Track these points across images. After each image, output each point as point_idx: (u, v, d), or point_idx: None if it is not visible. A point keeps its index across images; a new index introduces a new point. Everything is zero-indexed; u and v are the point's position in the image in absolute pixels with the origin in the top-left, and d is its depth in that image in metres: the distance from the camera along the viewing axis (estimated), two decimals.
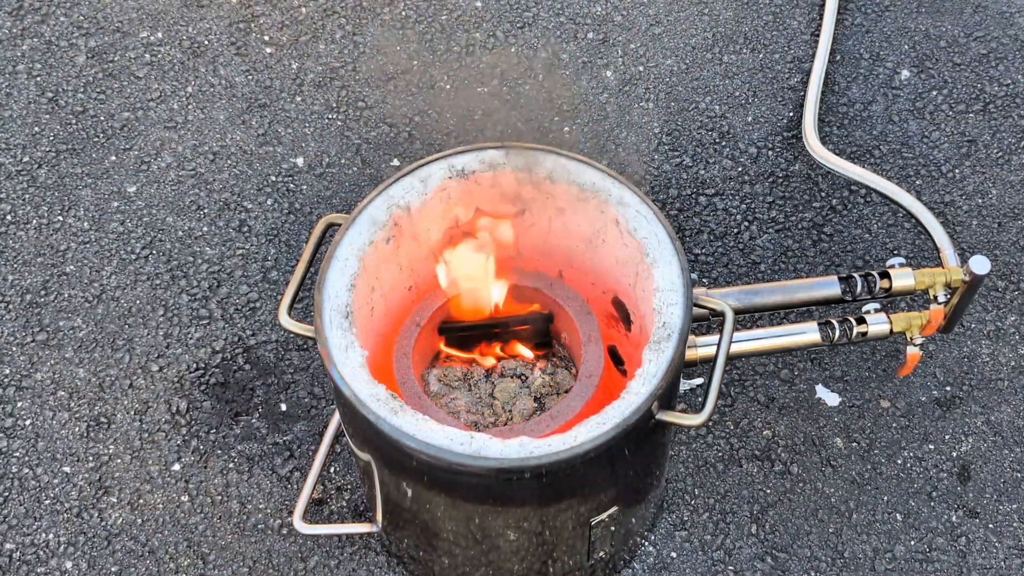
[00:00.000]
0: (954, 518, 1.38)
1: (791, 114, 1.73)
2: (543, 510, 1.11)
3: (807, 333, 1.30)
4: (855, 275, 1.32)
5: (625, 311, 1.24)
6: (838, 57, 1.79)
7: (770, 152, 1.69)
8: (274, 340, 1.52)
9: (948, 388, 1.48)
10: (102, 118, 1.73)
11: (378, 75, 1.78)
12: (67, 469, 1.42)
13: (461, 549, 1.18)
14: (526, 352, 1.27)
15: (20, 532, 1.38)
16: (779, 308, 1.34)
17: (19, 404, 1.47)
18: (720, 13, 1.85)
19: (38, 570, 1.35)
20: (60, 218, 1.63)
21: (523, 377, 1.25)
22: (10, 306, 1.55)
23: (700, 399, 1.46)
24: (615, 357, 1.27)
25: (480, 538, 1.15)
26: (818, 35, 1.81)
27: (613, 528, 1.20)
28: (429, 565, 1.26)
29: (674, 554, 1.36)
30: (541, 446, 1.01)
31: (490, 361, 1.27)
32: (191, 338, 1.52)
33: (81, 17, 1.84)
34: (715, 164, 1.68)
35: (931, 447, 1.43)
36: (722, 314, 1.12)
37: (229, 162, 1.68)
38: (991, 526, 1.37)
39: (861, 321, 1.30)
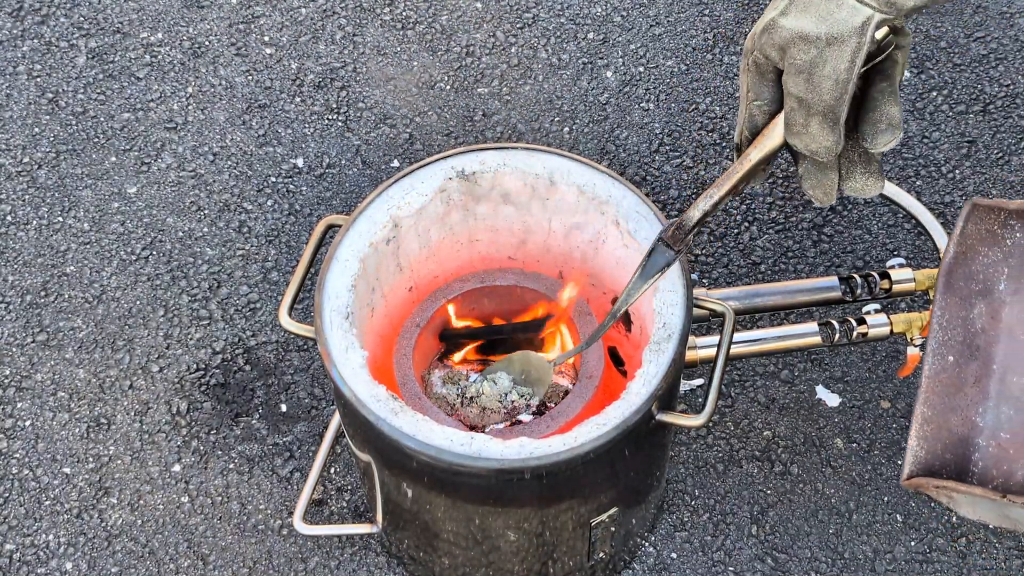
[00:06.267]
0: (954, 519, 1.38)
1: None
2: (543, 511, 1.11)
3: (807, 334, 1.30)
4: (855, 275, 1.32)
5: (625, 312, 1.24)
6: None
7: None
8: (274, 341, 1.52)
9: None
10: (102, 119, 1.73)
11: (378, 75, 1.78)
12: (67, 470, 1.42)
13: (461, 550, 1.18)
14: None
15: (20, 533, 1.38)
16: (779, 309, 1.34)
17: (19, 405, 1.47)
18: (720, 14, 1.85)
19: (38, 571, 1.35)
20: (60, 219, 1.63)
21: None
22: (10, 307, 1.55)
23: (700, 400, 1.46)
24: (615, 358, 1.27)
25: (480, 539, 1.15)
26: None
27: (613, 529, 1.20)
28: (429, 566, 1.26)
29: (674, 555, 1.36)
30: (541, 447, 1.01)
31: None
32: (191, 339, 1.52)
33: (81, 18, 1.84)
34: (716, 165, 1.68)
35: None
36: (722, 315, 1.12)
37: (229, 163, 1.68)
38: (991, 526, 1.37)
39: (861, 322, 1.30)
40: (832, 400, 1.47)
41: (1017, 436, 1.02)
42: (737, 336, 1.30)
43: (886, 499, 1.39)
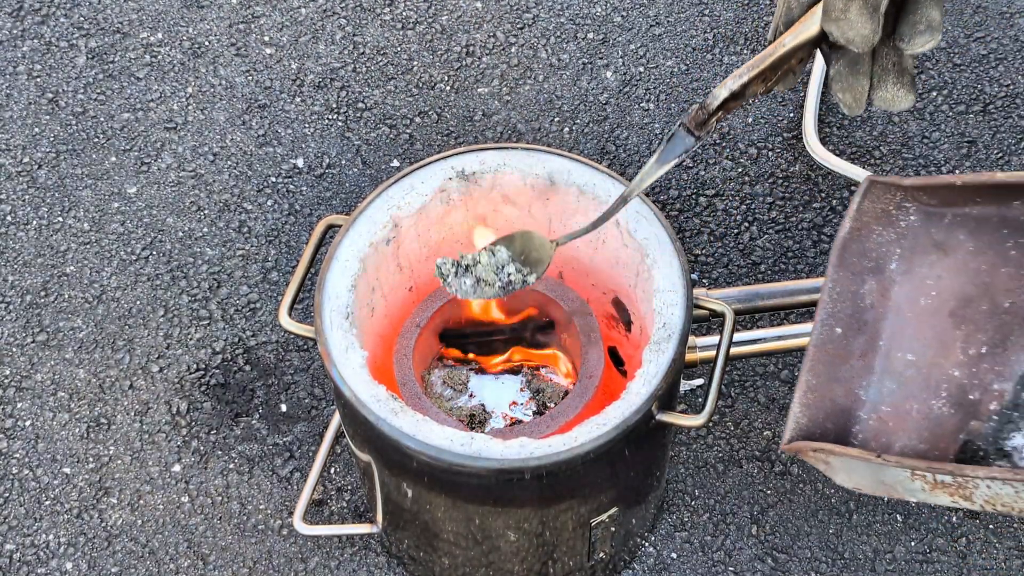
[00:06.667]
0: (954, 519, 1.38)
1: (791, 115, 1.73)
2: (543, 511, 1.11)
3: (807, 334, 1.30)
4: None
5: (625, 312, 1.24)
6: None
7: (770, 153, 1.69)
8: (274, 341, 1.52)
9: None
10: (102, 119, 1.73)
11: (378, 75, 1.78)
12: (67, 470, 1.42)
13: (461, 550, 1.18)
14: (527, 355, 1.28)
15: (20, 533, 1.38)
16: (779, 309, 1.34)
17: (19, 405, 1.47)
18: (720, 14, 1.85)
19: (38, 571, 1.35)
20: (60, 219, 1.63)
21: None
22: (10, 307, 1.55)
23: (700, 400, 1.46)
24: (615, 358, 1.27)
25: (480, 539, 1.15)
26: None
27: (613, 529, 1.20)
28: (429, 566, 1.26)
29: (674, 555, 1.36)
30: (541, 447, 1.01)
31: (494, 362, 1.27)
32: (191, 339, 1.52)
33: (81, 18, 1.84)
34: (715, 165, 1.68)
35: None
36: (722, 315, 1.12)
37: (229, 163, 1.69)
38: (991, 527, 1.37)
39: None
40: None
41: (897, 409, 1.03)
42: (737, 336, 1.30)
43: (886, 499, 1.39)
